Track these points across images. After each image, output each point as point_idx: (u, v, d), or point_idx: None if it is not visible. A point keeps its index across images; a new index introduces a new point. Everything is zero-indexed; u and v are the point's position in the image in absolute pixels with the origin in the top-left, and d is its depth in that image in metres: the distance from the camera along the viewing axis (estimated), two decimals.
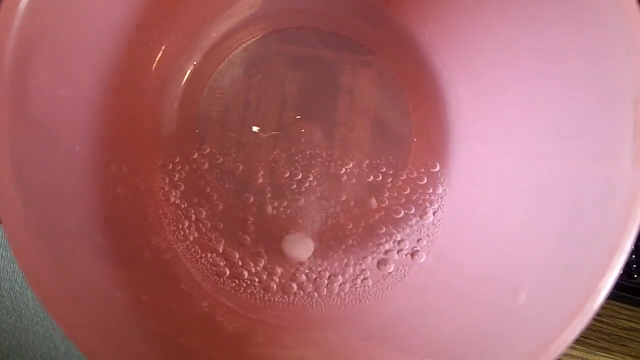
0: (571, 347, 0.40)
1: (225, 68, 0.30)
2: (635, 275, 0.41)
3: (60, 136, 0.20)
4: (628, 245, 0.19)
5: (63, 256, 0.20)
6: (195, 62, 0.30)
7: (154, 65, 0.28)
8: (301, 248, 0.29)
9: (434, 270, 0.27)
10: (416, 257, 0.28)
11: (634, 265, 0.41)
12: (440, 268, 0.27)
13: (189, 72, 0.30)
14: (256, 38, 0.30)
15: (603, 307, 0.42)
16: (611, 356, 0.39)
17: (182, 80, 0.30)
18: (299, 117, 0.30)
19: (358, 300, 0.28)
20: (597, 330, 0.40)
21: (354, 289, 0.28)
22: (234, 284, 0.28)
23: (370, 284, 0.28)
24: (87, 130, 0.22)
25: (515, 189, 0.25)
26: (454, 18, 0.27)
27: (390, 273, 0.28)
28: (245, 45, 0.30)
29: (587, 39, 0.20)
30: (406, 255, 0.29)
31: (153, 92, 0.28)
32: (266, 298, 0.28)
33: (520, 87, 0.25)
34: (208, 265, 0.28)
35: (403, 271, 0.28)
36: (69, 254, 0.20)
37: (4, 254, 0.60)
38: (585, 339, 0.40)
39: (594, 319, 0.41)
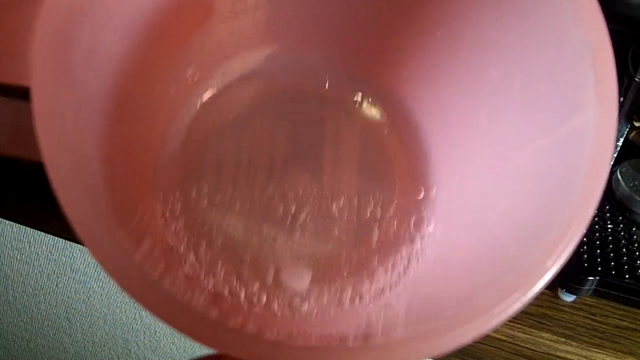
0: (565, 344, 0.41)
1: (222, 117, 0.32)
2: (627, 276, 0.42)
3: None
4: (602, 182, 0.20)
5: None
6: (193, 109, 0.32)
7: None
8: (298, 280, 0.30)
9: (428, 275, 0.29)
10: (408, 271, 0.29)
11: (625, 266, 0.43)
12: (432, 271, 0.28)
13: (190, 115, 0.32)
14: (253, 90, 0.33)
15: (596, 307, 0.43)
16: (604, 352, 0.40)
17: (187, 120, 0.32)
18: (288, 163, 0.32)
19: (356, 318, 0.29)
20: (591, 328, 0.42)
21: (351, 308, 0.29)
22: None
23: (367, 300, 0.29)
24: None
25: (495, 184, 0.26)
26: (426, 60, 0.29)
27: (383, 288, 0.29)
28: (242, 96, 0.33)
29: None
30: (399, 272, 0.30)
31: (159, 128, 0.30)
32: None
33: (488, 97, 0.27)
34: (203, 294, 0.29)
35: (399, 285, 0.29)
36: None
37: (18, 256, 0.62)
38: (579, 336, 0.41)
39: (589, 317, 0.42)
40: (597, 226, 0.46)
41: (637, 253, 0.44)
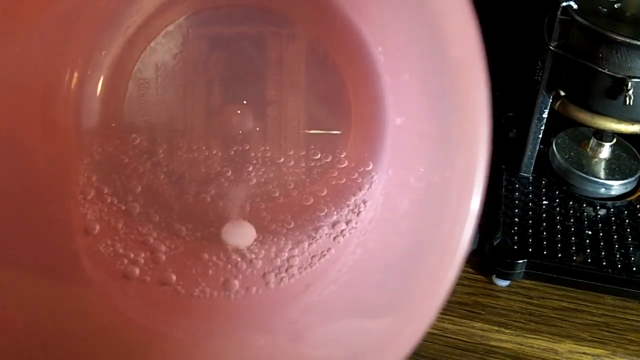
0: (498, 332, 0.39)
1: (147, 57, 0.28)
2: (560, 255, 0.40)
3: None
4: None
5: None
6: (113, 56, 0.28)
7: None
8: (241, 235, 0.28)
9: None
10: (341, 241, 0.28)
11: (559, 244, 0.41)
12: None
13: (108, 65, 0.28)
14: (175, 23, 0.28)
15: (534, 289, 0.41)
16: (540, 337, 0.38)
17: (102, 74, 0.28)
18: (227, 100, 0.28)
19: (285, 291, 0.27)
20: (527, 313, 0.40)
21: (285, 278, 0.27)
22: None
23: (296, 271, 0.27)
24: None
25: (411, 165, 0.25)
26: None
27: (314, 257, 0.27)
28: (164, 31, 0.28)
29: None
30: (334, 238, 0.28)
31: (71, 92, 0.27)
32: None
33: None
34: (128, 265, 0.26)
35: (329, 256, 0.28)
36: None
37: None
38: (513, 322, 0.39)
39: (525, 301, 0.40)
40: (531, 204, 0.44)
41: (572, 229, 0.42)
